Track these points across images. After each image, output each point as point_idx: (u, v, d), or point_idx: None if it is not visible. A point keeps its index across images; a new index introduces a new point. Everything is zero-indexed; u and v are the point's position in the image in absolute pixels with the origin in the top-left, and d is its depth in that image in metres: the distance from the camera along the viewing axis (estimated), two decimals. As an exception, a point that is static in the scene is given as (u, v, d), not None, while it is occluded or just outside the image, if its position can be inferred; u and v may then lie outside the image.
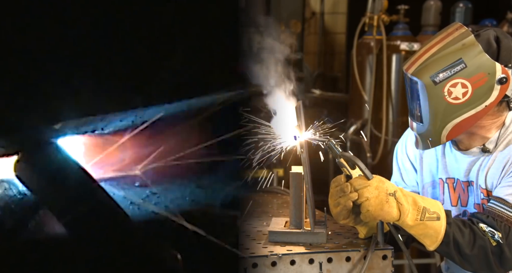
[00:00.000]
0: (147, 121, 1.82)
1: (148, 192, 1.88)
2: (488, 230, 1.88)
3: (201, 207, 1.87)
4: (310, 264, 1.82)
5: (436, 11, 5.09)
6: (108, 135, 1.87)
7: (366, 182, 1.82)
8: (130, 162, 1.90)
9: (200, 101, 1.80)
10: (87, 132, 1.82)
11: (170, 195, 1.86)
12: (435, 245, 1.87)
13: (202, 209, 1.83)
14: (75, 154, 1.85)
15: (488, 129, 2.02)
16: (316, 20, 6.92)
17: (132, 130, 1.85)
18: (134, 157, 1.90)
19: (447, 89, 1.90)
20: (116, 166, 1.90)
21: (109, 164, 1.90)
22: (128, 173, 1.90)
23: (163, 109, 1.80)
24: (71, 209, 1.68)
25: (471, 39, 1.89)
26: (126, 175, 1.90)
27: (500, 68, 1.89)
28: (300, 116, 1.88)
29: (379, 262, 1.87)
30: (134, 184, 1.89)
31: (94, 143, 1.88)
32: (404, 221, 1.83)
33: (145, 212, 1.83)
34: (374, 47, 4.88)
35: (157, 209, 1.80)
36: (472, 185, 2.05)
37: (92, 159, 1.88)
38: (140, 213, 1.84)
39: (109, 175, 1.89)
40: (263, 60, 1.84)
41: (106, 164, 1.90)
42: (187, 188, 1.85)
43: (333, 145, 1.86)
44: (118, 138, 1.88)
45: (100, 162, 1.89)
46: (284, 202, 2.51)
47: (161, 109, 1.80)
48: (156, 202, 1.85)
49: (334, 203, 1.86)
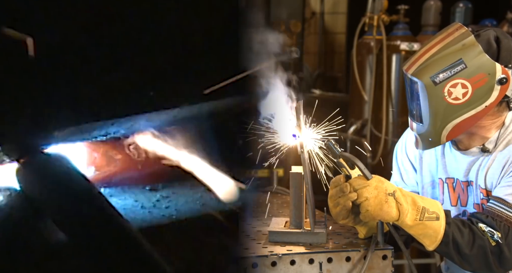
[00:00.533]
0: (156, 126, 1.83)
1: (159, 196, 1.88)
2: (488, 230, 1.88)
3: (212, 210, 1.88)
4: (310, 264, 1.82)
5: (436, 11, 5.09)
6: (119, 139, 1.87)
7: (365, 182, 1.82)
8: (139, 166, 1.90)
9: (205, 106, 1.81)
10: (96, 137, 1.83)
11: (181, 199, 1.87)
12: (434, 245, 1.87)
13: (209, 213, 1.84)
14: (84, 159, 1.85)
15: (488, 129, 2.02)
16: (316, 20, 6.91)
17: (142, 134, 1.85)
18: (144, 161, 1.91)
19: (447, 89, 1.90)
20: (126, 171, 1.91)
21: (120, 168, 1.91)
22: (137, 176, 1.91)
23: (174, 113, 1.81)
24: (71, 216, 1.68)
25: (471, 39, 1.89)
26: (136, 179, 1.90)
27: (500, 68, 1.89)
28: (300, 116, 1.88)
29: (379, 262, 1.87)
30: (145, 188, 1.90)
31: (104, 148, 1.88)
32: (404, 221, 1.83)
33: (157, 215, 1.84)
34: (374, 47, 4.88)
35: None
36: (471, 185, 2.06)
37: (101, 164, 1.89)
38: (151, 217, 1.84)
39: (118, 179, 1.90)
40: (262, 60, 1.84)
41: (115, 169, 1.91)
42: (197, 192, 1.85)
43: (332, 145, 1.86)
44: (128, 143, 1.89)
45: (110, 167, 1.90)
46: (284, 202, 2.51)
47: (171, 113, 1.81)
48: (166, 206, 1.85)
49: (334, 203, 1.87)
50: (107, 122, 1.76)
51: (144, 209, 1.87)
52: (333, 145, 1.86)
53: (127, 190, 1.91)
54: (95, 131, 1.79)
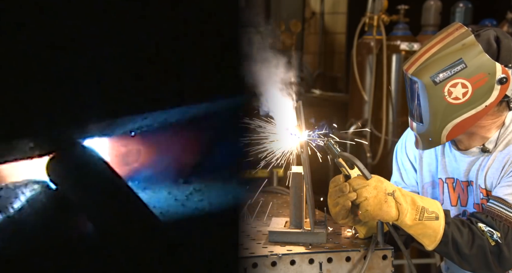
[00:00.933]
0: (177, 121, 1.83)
1: (192, 189, 1.88)
2: (487, 230, 1.88)
3: (243, 203, 1.88)
4: (310, 264, 1.82)
5: (436, 11, 5.09)
6: (151, 133, 1.86)
7: (364, 182, 1.82)
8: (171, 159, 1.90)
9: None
10: (131, 131, 1.82)
11: (213, 192, 1.87)
12: (433, 244, 1.87)
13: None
14: (115, 153, 1.86)
15: (488, 129, 2.02)
16: (316, 20, 6.91)
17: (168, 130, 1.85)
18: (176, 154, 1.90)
19: (447, 89, 1.90)
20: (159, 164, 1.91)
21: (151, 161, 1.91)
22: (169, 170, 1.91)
23: (194, 108, 1.80)
24: (100, 208, 1.69)
25: (471, 39, 1.89)
26: (169, 173, 1.90)
27: (500, 68, 1.89)
28: (300, 116, 1.88)
29: (379, 262, 1.87)
30: (177, 181, 1.90)
31: (136, 142, 1.88)
32: (403, 220, 1.83)
33: (189, 208, 1.84)
34: (374, 47, 4.88)
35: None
36: (471, 185, 2.05)
37: (133, 157, 1.89)
38: (184, 210, 1.84)
39: (151, 173, 1.90)
40: (262, 60, 1.84)
41: (147, 162, 1.91)
42: (229, 186, 1.85)
43: (331, 145, 1.86)
44: (158, 137, 1.88)
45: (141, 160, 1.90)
46: (284, 202, 2.51)
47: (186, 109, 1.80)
48: (199, 199, 1.85)
49: (333, 203, 1.87)
50: (141, 116, 1.75)
51: (177, 201, 1.87)
52: (332, 145, 1.86)
53: (159, 182, 1.91)
54: (129, 124, 1.79)
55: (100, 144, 1.81)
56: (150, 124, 1.83)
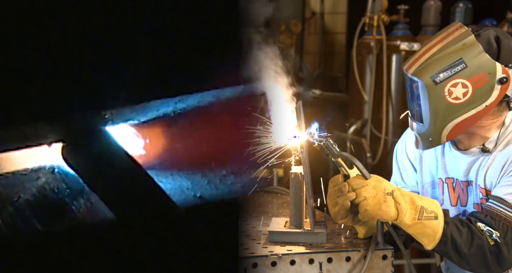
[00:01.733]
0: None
1: (224, 172, 1.87)
2: (486, 229, 1.88)
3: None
4: (310, 264, 1.82)
5: (436, 11, 5.09)
6: (178, 119, 1.84)
7: (363, 182, 1.82)
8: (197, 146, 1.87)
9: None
10: (163, 115, 1.80)
11: (244, 176, 1.86)
12: (433, 244, 1.87)
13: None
14: (136, 140, 1.83)
15: (488, 129, 2.02)
16: (316, 20, 6.91)
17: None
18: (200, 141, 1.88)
19: (448, 89, 1.90)
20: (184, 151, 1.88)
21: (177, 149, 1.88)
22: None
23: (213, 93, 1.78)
24: (118, 195, 1.68)
25: (471, 39, 1.89)
26: (193, 160, 1.88)
27: (501, 68, 1.89)
28: (300, 116, 1.88)
29: (379, 262, 1.87)
30: (210, 164, 1.88)
31: (159, 127, 1.85)
32: (402, 220, 1.83)
33: (221, 191, 1.83)
34: (374, 47, 4.88)
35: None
36: (471, 185, 2.05)
37: (158, 143, 1.86)
38: (217, 192, 1.83)
39: (176, 160, 1.88)
40: (262, 60, 1.84)
41: (172, 149, 1.88)
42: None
43: (330, 144, 1.86)
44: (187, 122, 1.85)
45: (167, 147, 1.87)
46: (284, 202, 2.51)
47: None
48: (232, 182, 1.85)
49: (332, 203, 1.87)
50: (174, 99, 1.74)
51: (210, 184, 1.86)
52: (331, 144, 1.86)
53: (183, 172, 1.89)
54: (161, 108, 1.77)
55: (121, 131, 1.79)
56: (183, 107, 1.80)
